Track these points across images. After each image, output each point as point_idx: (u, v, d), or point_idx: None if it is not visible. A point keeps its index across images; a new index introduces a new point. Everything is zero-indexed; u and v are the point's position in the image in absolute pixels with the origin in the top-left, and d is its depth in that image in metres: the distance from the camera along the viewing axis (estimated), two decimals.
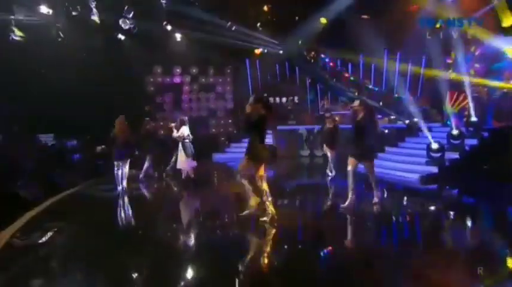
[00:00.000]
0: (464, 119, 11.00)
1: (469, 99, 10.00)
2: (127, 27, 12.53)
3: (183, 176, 8.10)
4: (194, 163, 7.91)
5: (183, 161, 7.79)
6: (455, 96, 12.74)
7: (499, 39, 9.22)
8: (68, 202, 7.17)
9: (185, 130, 7.80)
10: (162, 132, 14.43)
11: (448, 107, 12.81)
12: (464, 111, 12.07)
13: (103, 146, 12.00)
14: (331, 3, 11.85)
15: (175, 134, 7.91)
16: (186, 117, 8.22)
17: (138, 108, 14.65)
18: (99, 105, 12.71)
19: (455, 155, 8.41)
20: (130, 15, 12.22)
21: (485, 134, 9.05)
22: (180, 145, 7.83)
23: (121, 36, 13.39)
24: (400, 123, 12.27)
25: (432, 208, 6.44)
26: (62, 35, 11.43)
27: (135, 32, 12.76)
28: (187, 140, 7.79)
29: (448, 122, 11.04)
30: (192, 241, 4.76)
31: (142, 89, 15.06)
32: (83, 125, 11.84)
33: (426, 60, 13.68)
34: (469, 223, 5.53)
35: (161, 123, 15.39)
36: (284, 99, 15.65)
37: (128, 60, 13.52)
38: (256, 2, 12.80)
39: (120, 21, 12.38)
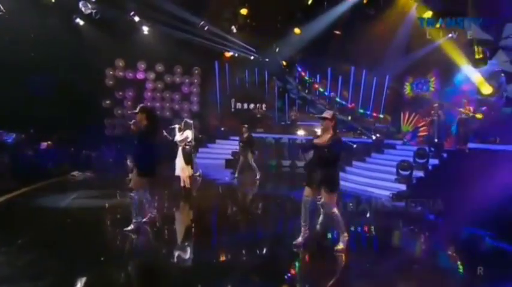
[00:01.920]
0: (418, 139, 11.68)
1: (433, 120, 10.64)
2: (88, 11, 11.29)
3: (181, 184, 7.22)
4: (191, 171, 7.17)
5: (180, 168, 6.98)
6: (407, 116, 13.62)
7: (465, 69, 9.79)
8: None
9: (189, 134, 7.04)
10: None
11: (403, 126, 13.64)
12: (417, 130, 12.90)
13: (49, 142, 10.62)
14: (310, 16, 11.86)
15: (178, 137, 7.08)
16: (192, 121, 7.38)
17: (94, 102, 13.38)
18: (48, 95, 11.29)
19: (421, 174, 8.73)
20: None
21: (445, 155, 9.56)
22: (180, 149, 7.03)
23: (79, 21, 12.07)
24: (365, 139, 12.64)
25: (397, 225, 6.47)
26: (1, 8, 9.74)
27: (97, 19, 11.56)
28: (188, 146, 7.01)
29: (405, 140, 11.65)
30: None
31: (100, 82, 13.73)
32: (26, 117, 10.33)
33: (390, 79, 14.38)
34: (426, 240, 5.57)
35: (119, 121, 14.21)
36: (252, 106, 15.38)
37: (86, 48, 12.22)
38: (234, 4, 12.35)
39: (80, 4, 11.11)
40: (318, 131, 4.48)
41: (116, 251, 4.27)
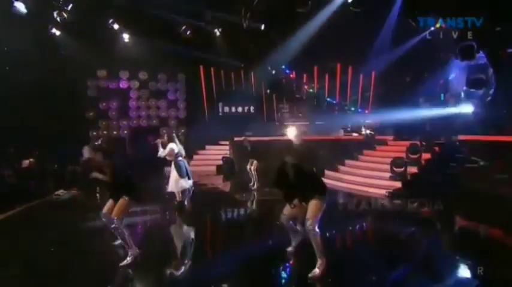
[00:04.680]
0: None
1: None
2: (63, 21, 10.83)
3: (177, 199, 6.80)
4: (189, 183, 6.81)
5: (176, 183, 6.63)
6: None
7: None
8: None
9: (174, 147, 6.69)
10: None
11: None
12: None
13: (31, 160, 10.15)
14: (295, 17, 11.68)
15: (161, 153, 6.73)
16: (174, 133, 7.04)
17: (77, 114, 12.93)
18: (27, 110, 10.82)
19: (414, 169, 8.69)
20: (69, 7, 10.56)
21: (436, 148, 9.56)
22: (172, 164, 6.68)
23: (55, 31, 11.59)
24: (355, 136, 12.60)
25: (395, 226, 6.35)
26: None
27: (74, 28, 11.11)
28: (180, 158, 6.66)
29: None
30: None
31: (82, 94, 13.28)
32: (5, 134, 9.84)
33: (376, 75, 14.37)
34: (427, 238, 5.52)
35: (104, 132, 13.78)
36: (240, 109, 15.14)
37: (64, 59, 11.77)
38: (217, 6, 12.08)
39: (55, 14, 10.64)
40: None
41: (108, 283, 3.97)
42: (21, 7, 9.61)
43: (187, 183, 6.70)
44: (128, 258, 4.23)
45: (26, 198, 7.32)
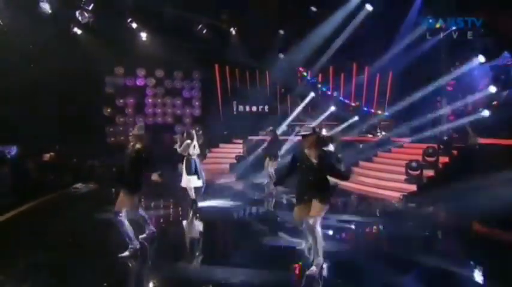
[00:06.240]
0: None
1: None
2: (85, 20, 11.18)
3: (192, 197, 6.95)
4: (199, 182, 6.91)
5: (185, 179, 6.83)
6: None
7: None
8: None
9: (189, 144, 6.82)
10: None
11: None
12: None
13: (52, 154, 10.51)
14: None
15: (178, 148, 6.93)
16: (193, 131, 7.07)
17: (95, 111, 13.29)
18: (47, 106, 11.22)
19: (431, 173, 8.49)
20: (90, 7, 10.89)
21: (454, 152, 9.30)
22: (184, 160, 6.86)
23: (77, 30, 11.96)
24: (370, 137, 12.40)
25: (408, 230, 6.20)
26: (0, 21, 9.67)
27: (94, 28, 11.45)
28: (193, 156, 6.79)
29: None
30: None
31: (100, 91, 13.63)
32: (28, 129, 10.22)
33: (393, 75, 14.09)
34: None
35: (121, 128, 14.09)
36: (254, 108, 15.16)
37: (84, 57, 12.12)
38: (231, 5, 12.17)
39: (77, 13, 11.00)
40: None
41: (121, 275, 4.09)
42: (46, 7, 9.99)
43: (196, 182, 6.79)
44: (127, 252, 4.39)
45: (46, 190, 7.68)
